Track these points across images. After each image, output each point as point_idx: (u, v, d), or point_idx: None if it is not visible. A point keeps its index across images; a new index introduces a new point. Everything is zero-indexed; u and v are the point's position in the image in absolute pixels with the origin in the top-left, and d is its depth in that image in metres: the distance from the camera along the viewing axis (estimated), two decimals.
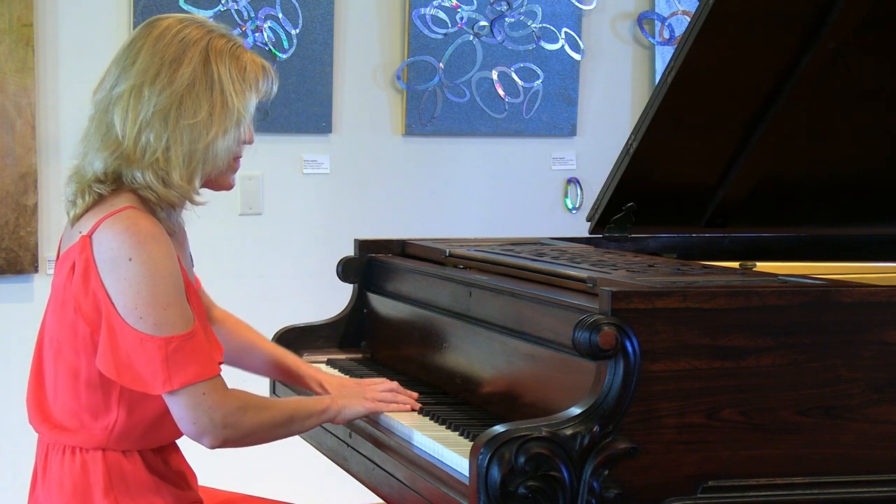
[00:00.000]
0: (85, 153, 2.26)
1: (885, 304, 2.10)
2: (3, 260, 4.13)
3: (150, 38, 2.24)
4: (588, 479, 1.94)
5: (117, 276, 2.13)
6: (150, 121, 2.19)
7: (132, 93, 2.20)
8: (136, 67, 2.22)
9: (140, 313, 2.12)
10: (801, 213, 3.21)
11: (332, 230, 4.58)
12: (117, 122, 2.20)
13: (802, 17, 2.82)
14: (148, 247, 2.13)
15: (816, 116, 2.99)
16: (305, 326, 3.09)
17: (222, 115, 2.22)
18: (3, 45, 4.07)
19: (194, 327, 2.16)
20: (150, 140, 2.19)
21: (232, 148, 2.26)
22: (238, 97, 2.24)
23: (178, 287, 2.16)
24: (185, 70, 2.21)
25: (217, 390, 2.16)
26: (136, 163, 2.20)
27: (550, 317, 2.25)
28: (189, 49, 2.22)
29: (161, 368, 2.12)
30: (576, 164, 4.95)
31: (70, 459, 2.23)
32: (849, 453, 2.07)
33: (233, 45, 2.27)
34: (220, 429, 2.16)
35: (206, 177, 2.26)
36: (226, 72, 2.23)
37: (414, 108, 4.66)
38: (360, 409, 2.39)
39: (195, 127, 2.20)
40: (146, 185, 2.20)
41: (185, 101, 2.20)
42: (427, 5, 4.63)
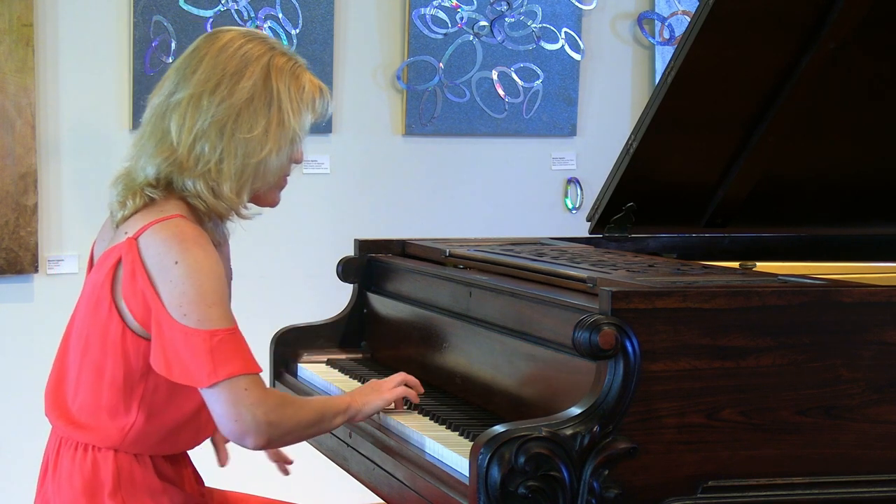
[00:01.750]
0: (138, 156, 2.27)
1: (885, 304, 2.10)
2: (3, 260, 4.13)
3: (213, 49, 2.25)
4: (588, 479, 1.94)
5: (164, 278, 2.16)
6: (206, 131, 2.20)
7: (191, 101, 2.21)
8: (196, 76, 2.23)
9: (185, 311, 2.14)
10: (801, 213, 3.21)
11: (332, 230, 4.58)
12: (173, 129, 2.22)
13: (802, 17, 2.82)
14: (192, 250, 2.16)
15: (816, 116, 2.99)
16: (305, 326, 3.09)
17: (278, 133, 2.24)
18: (3, 45, 4.07)
19: (236, 326, 2.18)
20: (205, 150, 2.20)
21: (283, 166, 2.28)
22: (295, 116, 2.26)
23: (222, 287, 2.18)
24: (246, 84, 2.22)
25: (259, 386, 2.16)
26: (189, 171, 2.21)
27: (550, 317, 2.25)
28: (251, 64, 2.24)
29: (207, 360, 2.13)
30: (576, 164, 4.95)
31: (81, 456, 2.23)
32: (849, 453, 2.07)
33: (294, 63, 2.28)
34: (264, 426, 2.15)
35: (254, 192, 2.28)
36: (285, 90, 2.25)
37: (414, 108, 4.66)
38: (378, 403, 2.38)
39: (250, 142, 2.22)
40: (196, 193, 2.22)
41: (242, 114, 2.21)
42: (427, 5, 4.63)
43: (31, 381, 4.27)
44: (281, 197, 2.36)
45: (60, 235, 4.27)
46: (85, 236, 4.31)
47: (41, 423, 4.45)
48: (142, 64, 4.29)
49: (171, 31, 4.31)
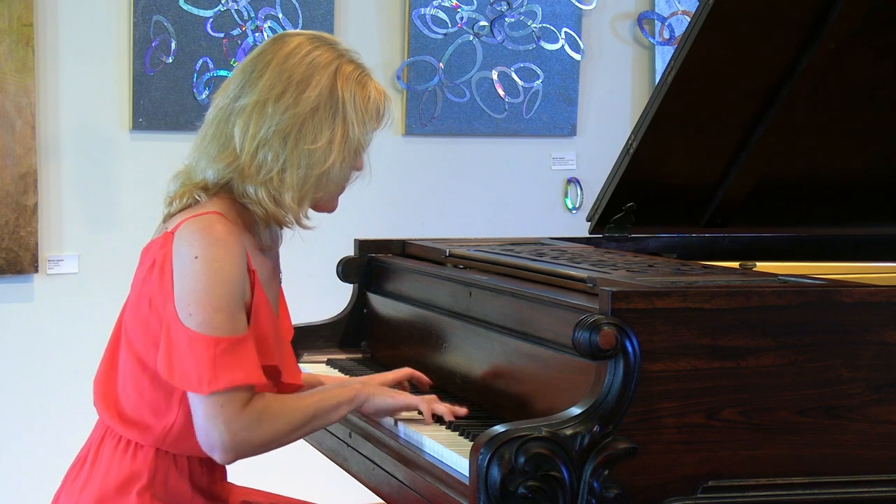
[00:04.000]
0: (199, 158, 2.25)
1: (885, 304, 2.10)
2: (3, 260, 4.13)
3: (280, 55, 2.23)
4: (588, 479, 1.94)
5: (181, 271, 2.15)
6: (269, 139, 2.19)
7: (255, 108, 2.20)
8: (262, 82, 2.21)
9: (190, 310, 2.13)
10: (801, 213, 3.21)
11: (332, 230, 4.58)
12: (237, 135, 2.20)
13: (802, 17, 2.82)
14: (215, 249, 2.14)
15: (816, 116, 2.99)
16: (305, 326, 3.09)
17: (342, 144, 2.23)
18: (3, 45, 4.07)
19: (244, 335, 2.15)
20: (268, 158, 2.19)
21: (345, 176, 2.28)
22: (360, 127, 2.24)
23: (234, 295, 2.15)
24: (312, 93, 2.20)
25: (234, 403, 2.14)
26: (251, 178, 2.20)
27: (550, 317, 2.25)
28: (317, 72, 2.22)
29: (208, 367, 2.11)
30: (576, 164, 4.95)
31: (123, 450, 2.23)
32: (849, 453, 2.07)
33: (360, 72, 2.27)
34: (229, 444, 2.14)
35: (315, 201, 2.27)
36: (350, 100, 2.23)
37: (414, 108, 4.66)
38: (389, 401, 2.35)
39: (314, 153, 2.20)
40: (257, 200, 2.21)
41: (306, 124, 2.20)
42: (427, 5, 4.63)
43: (32, 381, 4.28)
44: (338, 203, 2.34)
45: (60, 235, 4.27)
46: (85, 236, 4.32)
47: (41, 422, 4.46)
48: (142, 64, 4.29)
49: (171, 31, 4.31)
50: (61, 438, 4.17)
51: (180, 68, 4.32)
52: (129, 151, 4.32)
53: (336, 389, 2.34)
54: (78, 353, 4.17)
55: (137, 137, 4.34)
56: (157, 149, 4.28)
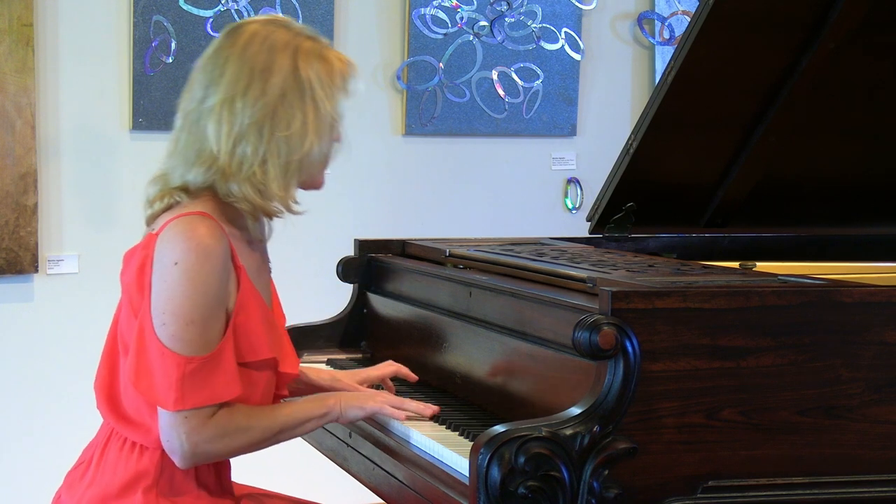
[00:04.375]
0: (175, 165, 2.24)
1: (885, 304, 2.10)
2: (3, 260, 4.13)
3: (237, 48, 2.22)
4: (588, 479, 1.94)
5: (160, 276, 2.14)
6: (244, 133, 2.18)
7: (224, 106, 2.19)
8: (225, 79, 2.20)
9: (164, 319, 2.13)
10: (801, 213, 3.21)
11: (332, 230, 4.58)
12: (211, 136, 2.19)
13: (802, 17, 2.82)
14: (195, 256, 2.13)
15: (816, 116, 2.99)
16: (305, 326, 3.09)
17: (317, 123, 2.22)
18: (3, 45, 4.07)
19: (215, 352, 2.15)
20: (247, 153, 2.18)
21: (326, 152, 2.26)
22: (329, 101, 2.23)
23: (210, 307, 2.14)
24: (276, 79, 2.19)
25: (200, 416, 2.15)
26: (233, 176, 2.19)
27: (550, 317, 2.25)
28: (278, 57, 2.20)
29: (175, 387, 2.12)
30: (576, 164, 4.95)
31: (129, 450, 2.24)
32: (849, 453, 2.07)
33: (320, 46, 2.25)
34: (189, 455, 2.17)
35: (300, 183, 2.26)
36: (315, 76, 2.22)
37: (414, 108, 4.66)
38: (359, 412, 2.35)
39: (291, 139, 2.19)
40: (243, 197, 2.20)
41: (278, 111, 2.19)
42: (427, 5, 4.63)
43: (32, 381, 4.28)
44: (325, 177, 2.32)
45: (60, 235, 4.27)
46: (85, 236, 4.32)
47: (41, 422, 4.46)
48: (142, 64, 4.29)
49: (171, 31, 4.31)
50: (62, 438, 4.17)
51: (180, 68, 4.31)
52: (129, 151, 4.32)
53: (308, 404, 2.34)
54: (78, 353, 4.17)
55: (137, 137, 4.34)
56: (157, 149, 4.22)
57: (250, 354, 2.23)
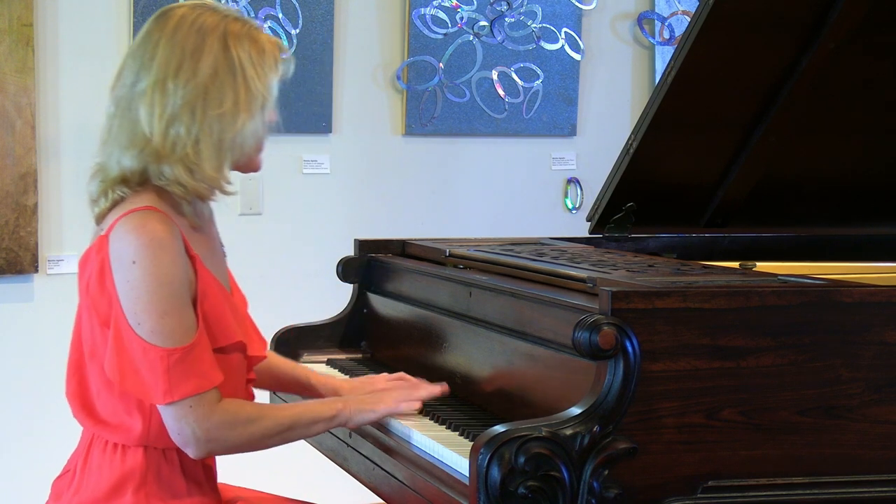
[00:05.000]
0: (110, 152, 2.25)
1: (885, 304, 2.10)
2: (3, 260, 4.13)
3: (167, 31, 2.22)
4: (588, 479, 1.94)
5: (122, 277, 2.15)
6: (177, 114, 2.18)
7: (156, 88, 2.20)
8: (156, 62, 2.21)
9: (138, 319, 2.13)
10: (801, 213, 3.21)
11: (332, 230, 4.58)
12: (143, 119, 2.20)
13: (802, 17, 2.82)
14: (152, 251, 2.13)
15: (816, 116, 2.99)
16: (305, 326, 3.09)
17: (247, 102, 2.22)
18: (3, 45, 4.07)
19: (195, 339, 2.16)
20: (180, 133, 2.18)
21: (259, 132, 2.26)
22: (261, 80, 2.24)
23: (177, 295, 2.15)
24: (207, 59, 2.20)
25: (204, 403, 2.16)
26: (166, 158, 2.19)
27: (550, 317, 2.25)
28: (207, 37, 2.21)
29: (163, 379, 2.13)
30: (576, 164, 4.95)
31: (111, 453, 2.24)
32: (849, 453, 2.07)
33: (249, 27, 2.26)
34: (203, 443, 2.18)
35: (234, 164, 2.26)
36: (246, 56, 2.22)
37: (414, 108, 4.66)
38: (371, 415, 2.36)
39: (223, 117, 2.20)
40: (175, 178, 2.20)
41: (209, 91, 2.19)
42: (427, 5, 4.63)
43: (32, 381, 4.28)
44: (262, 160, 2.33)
45: (60, 235, 4.27)
46: (85, 236, 4.30)
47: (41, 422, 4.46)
48: None
49: None
50: (62, 438, 4.16)
51: None
52: None
53: (317, 405, 2.37)
54: None
55: None
56: None
57: (222, 339, 2.24)
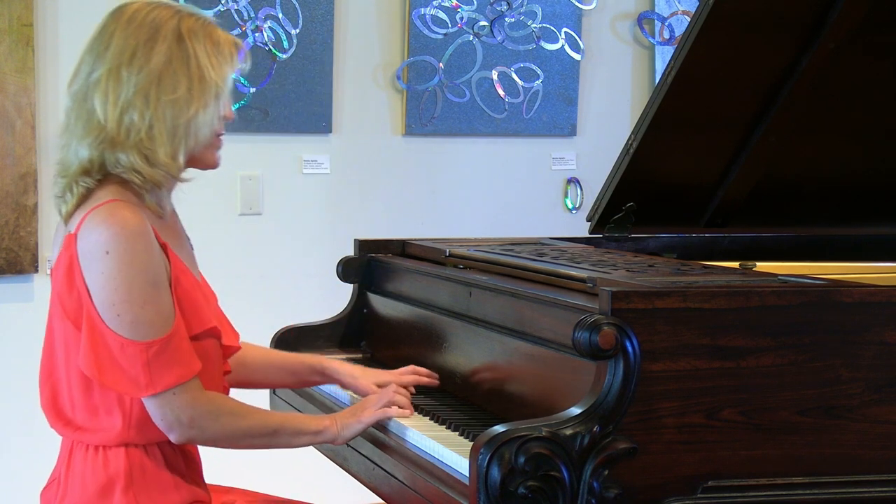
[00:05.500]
0: (67, 144, 2.26)
1: (885, 304, 2.10)
2: (3, 260, 4.13)
3: (122, 23, 2.25)
4: (588, 480, 1.94)
5: (95, 269, 2.14)
6: (131, 100, 2.20)
7: (110, 76, 2.22)
8: (110, 51, 2.23)
9: (117, 310, 2.13)
10: (801, 213, 3.21)
11: (332, 230, 4.58)
12: (98, 107, 2.22)
13: (802, 18, 2.82)
14: (126, 240, 2.14)
15: (816, 116, 2.99)
16: (305, 326, 3.09)
17: (201, 90, 2.23)
18: (3, 45, 4.07)
19: (173, 328, 2.17)
20: (134, 119, 2.20)
21: (213, 123, 2.27)
22: (215, 70, 2.25)
23: (155, 283, 2.16)
24: (161, 48, 2.22)
25: (189, 391, 2.18)
26: (121, 145, 2.20)
27: (550, 317, 2.25)
28: (161, 28, 2.23)
29: (143, 373, 2.14)
30: (576, 164, 4.95)
31: (93, 456, 2.24)
32: (849, 453, 2.07)
33: (204, 21, 2.29)
34: (187, 429, 2.19)
35: (189, 153, 2.26)
36: (200, 47, 2.24)
37: (414, 108, 4.66)
38: (357, 427, 2.37)
39: (176, 102, 2.21)
40: (131, 166, 2.21)
41: (163, 78, 2.21)
42: (427, 5, 4.63)
43: (32, 381, 4.27)
44: (220, 158, 2.34)
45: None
46: None
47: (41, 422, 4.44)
48: None
49: None
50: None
51: None
52: None
53: (306, 417, 2.40)
54: None
55: None
56: None
57: (197, 325, 2.25)
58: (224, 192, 4.45)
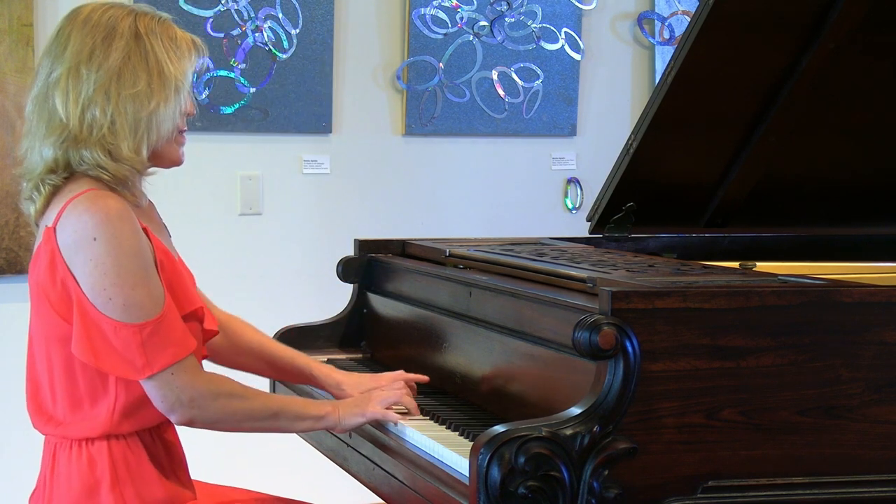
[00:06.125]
0: (31, 146, 2.27)
1: (885, 304, 2.10)
2: (3, 260, 4.13)
3: (77, 23, 2.26)
4: (588, 480, 1.94)
5: (83, 257, 2.15)
6: (92, 97, 2.21)
7: (70, 74, 2.22)
8: (68, 51, 2.24)
9: (109, 294, 2.14)
10: (801, 213, 3.21)
11: (332, 230, 4.58)
12: (59, 106, 2.22)
13: (802, 17, 2.82)
14: (112, 225, 2.14)
15: (816, 116, 2.99)
16: (305, 326, 3.09)
17: (160, 84, 2.24)
18: (3, 45, 4.07)
19: (165, 307, 2.18)
20: (96, 115, 2.21)
21: (175, 117, 2.28)
22: (174, 64, 2.26)
23: (145, 266, 2.17)
24: (119, 44, 2.23)
25: (187, 370, 2.18)
26: (84, 142, 2.21)
27: (550, 317, 2.25)
28: (118, 26, 2.25)
29: (139, 354, 2.14)
30: (576, 164, 4.95)
31: (77, 455, 2.24)
32: (849, 453, 2.07)
33: (160, 18, 2.30)
34: (188, 409, 2.19)
35: (152, 147, 2.26)
36: (158, 42, 2.26)
37: (414, 108, 4.66)
38: (358, 420, 2.37)
39: (137, 97, 2.22)
40: (95, 163, 2.21)
41: (123, 73, 2.22)
42: (427, 5, 4.63)
43: None
44: (184, 154, 2.35)
45: None
46: None
47: None
48: None
49: None
50: None
51: None
52: None
53: (308, 402, 2.39)
54: None
55: None
56: None
57: (186, 305, 2.26)
58: (224, 192, 4.45)
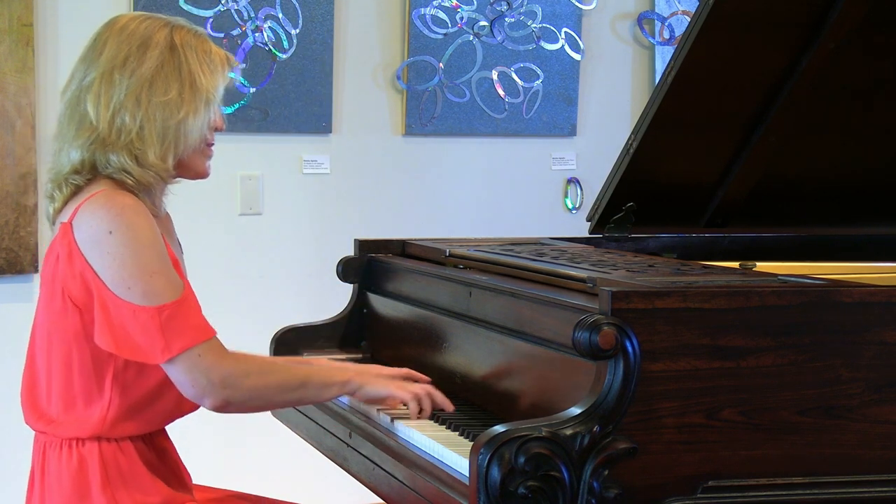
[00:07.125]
0: (60, 148, 2.29)
1: (885, 304, 2.10)
2: (3, 260, 4.13)
3: (115, 31, 2.30)
4: (588, 480, 1.94)
5: (100, 251, 2.17)
6: (123, 102, 2.23)
7: (103, 79, 2.25)
8: (103, 57, 2.27)
9: (128, 284, 2.15)
10: (801, 213, 3.21)
11: (332, 230, 4.58)
12: (90, 110, 2.24)
13: (802, 17, 2.82)
14: (126, 217, 2.17)
15: (816, 116, 2.99)
16: (305, 326, 3.09)
17: (191, 95, 2.27)
18: (3, 45, 4.07)
19: (184, 293, 2.19)
20: (125, 121, 2.23)
21: (203, 129, 2.30)
22: (206, 77, 2.29)
23: (161, 255, 2.19)
24: (153, 53, 2.26)
25: (213, 351, 2.19)
26: (112, 146, 2.23)
27: (550, 317, 2.25)
28: (154, 35, 2.28)
29: (158, 337, 2.15)
30: (576, 164, 4.95)
31: (67, 455, 2.24)
32: (849, 453, 2.07)
33: (196, 32, 2.34)
34: (220, 389, 2.19)
35: (178, 156, 2.28)
36: (192, 54, 2.29)
37: (414, 108, 4.66)
38: (383, 391, 2.37)
39: (167, 105, 2.24)
40: (121, 167, 2.23)
41: (155, 81, 2.25)
42: (427, 5, 4.63)
43: None
44: (211, 167, 2.37)
45: None
46: None
47: None
48: None
49: None
50: None
51: None
52: None
53: (331, 368, 2.39)
54: None
55: None
56: None
57: None
58: (224, 192, 4.45)
